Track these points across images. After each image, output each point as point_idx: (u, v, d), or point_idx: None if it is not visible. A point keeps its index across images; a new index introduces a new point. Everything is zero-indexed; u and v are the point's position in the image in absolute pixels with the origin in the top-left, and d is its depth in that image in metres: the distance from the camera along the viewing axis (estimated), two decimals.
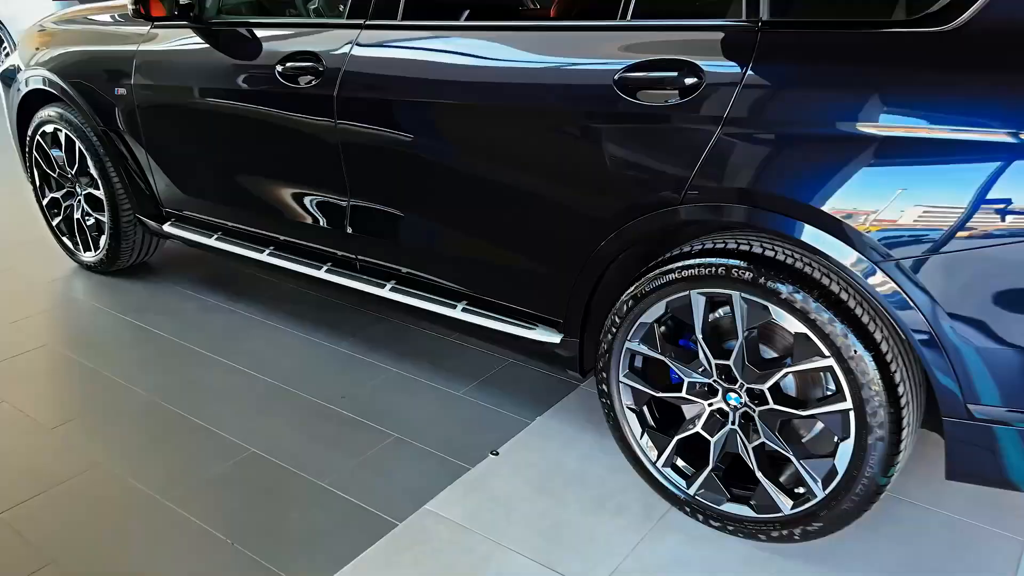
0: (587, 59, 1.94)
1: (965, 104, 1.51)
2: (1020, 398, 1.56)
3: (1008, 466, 1.64)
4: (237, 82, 2.64)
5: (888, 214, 1.56)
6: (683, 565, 1.92)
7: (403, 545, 1.99)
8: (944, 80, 1.54)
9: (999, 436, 1.60)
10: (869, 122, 1.57)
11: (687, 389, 1.95)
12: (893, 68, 1.58)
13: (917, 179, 1.55)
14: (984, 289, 1.53)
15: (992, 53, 1.50)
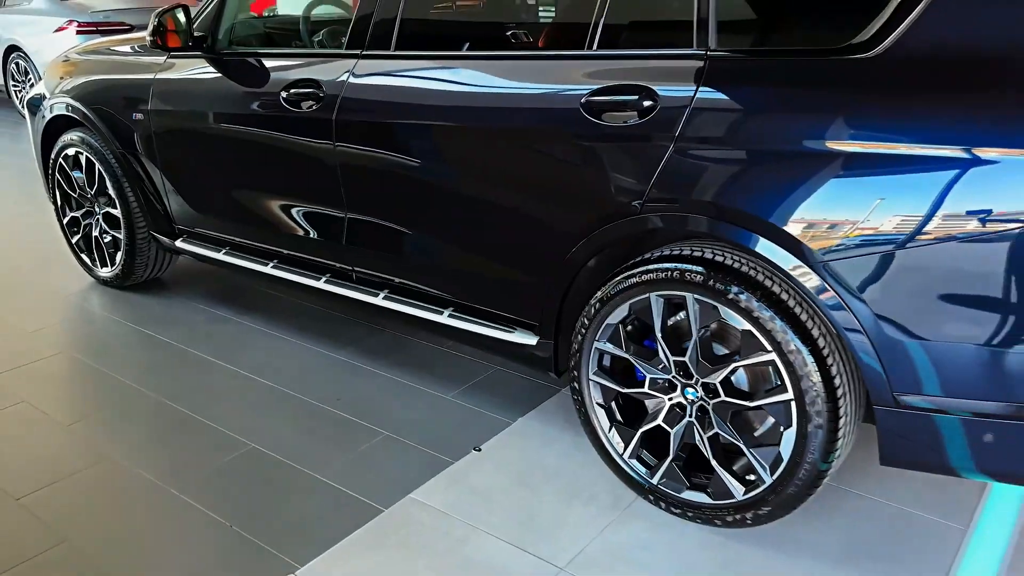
0: (558, 85, 2.14)
1: (886, 122, 1.69)
2: (940, 386, 1.72)
3: (934, 450, 1.80)
4: (245, 107, 2.87)
5: (818, 222, 1.74)
6: (645, 548, 2.07)
7: (387, 529, 2.15)
8: (869, 100, 1.73)
9: (923, 422, 1.77)
10: (801, 140, 1.77)
11: (649, 385, 2.12)
12: (823, 91, 1.78)
13: (843, 190, 1.73)
14: (905, 289, 1.70)
15: (910, 76, 1.69)
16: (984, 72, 1.62)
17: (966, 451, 1.76)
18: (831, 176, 1.74)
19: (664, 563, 2.02)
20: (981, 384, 1.68)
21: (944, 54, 1.65)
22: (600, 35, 2.09)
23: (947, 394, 1.72)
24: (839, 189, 1.73)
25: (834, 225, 1.73)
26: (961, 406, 1.71)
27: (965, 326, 1.66)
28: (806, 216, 1.76)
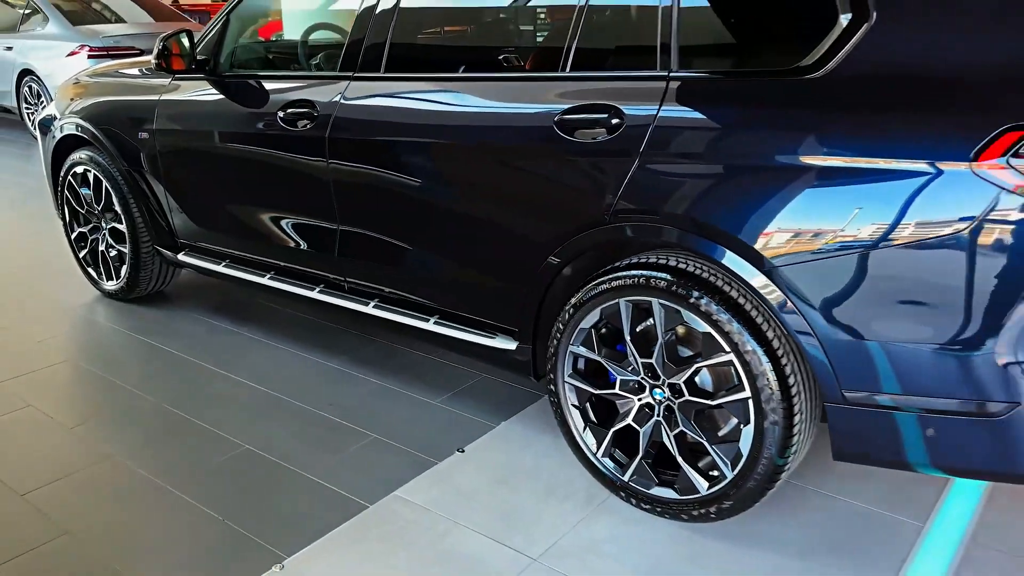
0: (534, 104, 2.29)
1: (831, 137, 1.82)
2: (884, 384, 1.84)
3: (881, 445, 1.91)
4: (245, 126, 3.02)
5: (769, 231, 1.87)
6: (615, 542, 2.18)
7: (372, 523, 2.27)
8: (814, 117, 1.86)
9: (870, 418, 1.88)
10: (752, 154, 1.90)
11: (620, 386, 2.24)
12: (773, 109, 1.91)
13: (792, 201, 1.85)
14: (850, 293, 1.82)
15: (852, 94, 1.82)
16: (917, 91, 1.75)
17: (911, 446, 1.87)
18: (781, 188, 1.87)
19: (632, 555, 2.13)
20: (923, 381, 1.80)
21: (882, 74, 1.79)
22: (573, 58, 2.24)
23: (891, 391, 1.83)
24: (788, 200, 1.86)
25: (784, 234, 1.86)
26: (905, 402, 1.83)
27: (906, 327, 1.78)
28: (758, 225, 1.89)
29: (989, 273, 1.68)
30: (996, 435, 1.77)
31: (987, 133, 1.64)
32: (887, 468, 1.99)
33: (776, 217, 1.87)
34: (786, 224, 1.86)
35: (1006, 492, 2.36)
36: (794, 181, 1.85)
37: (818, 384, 1.94)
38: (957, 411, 1.78)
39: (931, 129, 1.72)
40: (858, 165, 1.77)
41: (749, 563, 2.09)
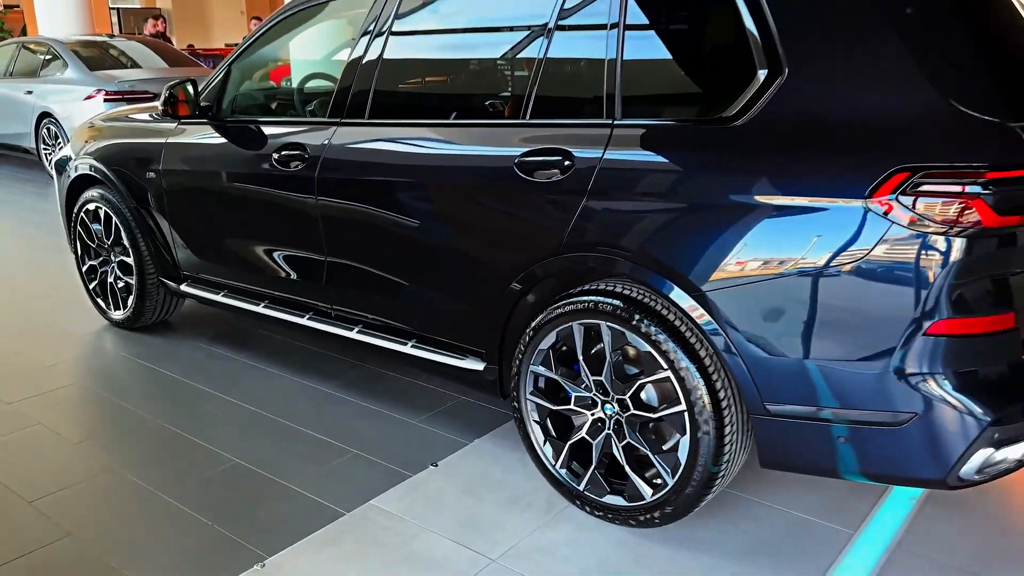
0: (497, 148, 2.54)
1: (747, 177, 2.06)
2: (799, 397, 2.05)
3: (801, 453, 2.12)
4: (243, 167, 3.29)
5: (697, 260, 2.11)
6: (569, 545, 2.38)
7: (347, 528, 2.47)
8: (735, 161, 2.10)
9: (790, 428, 2.09)
10: (683, 193, 2.15)
11: (575, 402, 2.46)
12: (700, 153, 2.16)
13: (716, 234, 2.09)
14: (767, 316, 2.05)
15: (766, 142, 2.06)
16: (822, 137, 2.00)
17: (825, 453, 2.07)
18: (707, 223, 2.11)
19: (583, 557, 2.33)
20: (832, 394, 2.01)
21: (793, 123, 2.03)
22: (532, 107, 2.49)
23: (805, 403, 2.05)
24: (713, 234, 2.10)
25: (710, 263, 2.09)
26: (817, 413, 2.04)
27: (816, 346, 2.00)
28: (687, 256, 2.12)
29: (883, 296, 1.91)
30: (898, 442, 1.97)
31: (879, 174, 1.88)
32: (808, 474, 2.20)
33: (703, 248, 2.11)
34: (712, 255, 2.09)
35: (935, 502, 2.55)
36: (718, 217, 2.09)
37: (743, 398, 2.15)
38: (863, 421, 1.99)
39: (833, 170, 1.96)
40: (772, 203, 2.01)
41: (686, 564, 2.29)
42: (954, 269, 1.85)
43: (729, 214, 2.07)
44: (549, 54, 2.48)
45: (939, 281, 1.86)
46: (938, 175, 1.83)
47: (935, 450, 1.94)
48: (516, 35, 2.67)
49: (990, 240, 1.85)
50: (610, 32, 2.34)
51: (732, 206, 2.07)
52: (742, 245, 2.05)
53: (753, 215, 2.04)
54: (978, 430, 1.89)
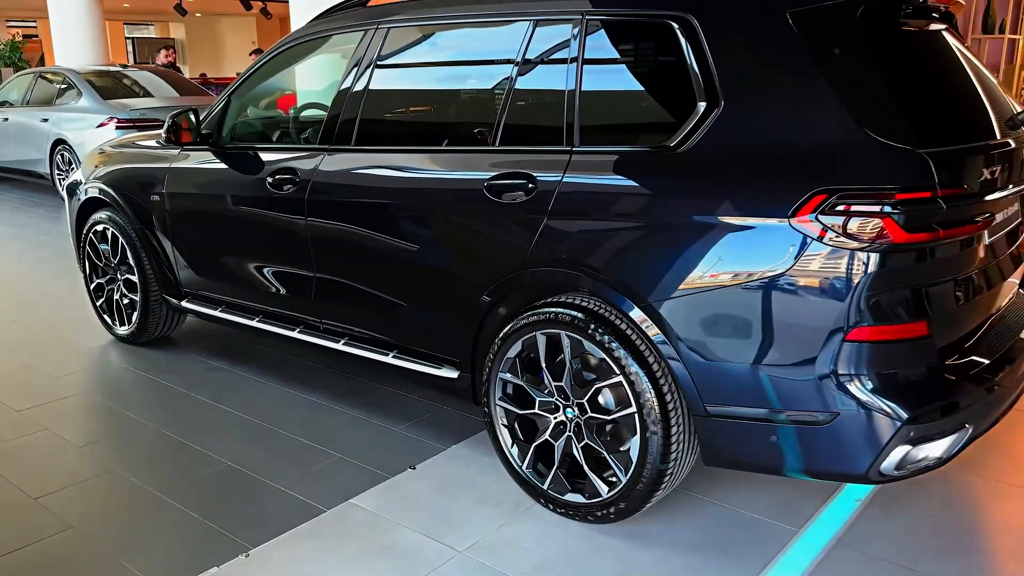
0: (470, 172, 2.76)
1: (688, 199, 2.28)
2: (735, 398, 2.24)
3: (738, 451, 2.30)
4: (240, 190, 3.52)
5: (644, 274, 2.32)
6: (532, 538, 2.56)
7: (327, 523, 2.67)
8: (676, 185, 2.32)
9: (727, 427, 2.28)
10: (631, 213, 2.36)
11: (540, 407, 2.65)
12: (646, 178, 2.37)
13: (660, 251, 2.30)
14: (706, 325, 2.25)
15: (704, 167, 2.28)
16: (753, 162, 2.21)
17: (760, 451, 2.26)
18: (652, 240, 2.32)
19: (544, 549, 2.51)
20: (763, 396, 2.21)
21: (728, 150, 2.25)
22: (501, 134, 2.72)
23: (740, 405, 2.24)
24: (658, 250, 2.31)
25: (655, 277, 2.30)
26: (751, 414, 2.23)
27: (748, 352, 2.20)
28: (635, 270, 2.34)
29: (806, 305, 2.11)
30: (823, 440, 2.16)
31: (800, 196, 2.08)
32: (747, 471, 2.38)
33: (648, 264, 2.32)
34: (656, 270, 2.30)
35: (880, 503, 2.73)
36: (662, 236, 2.30)
37: (687, 400, 2.34)
38: (791, 420, 2.18)
39: (762, 193, 2.17)
40: (710, 222, 2.22)
41: (638, 556, 2.47)
42: (868, 281, 2.05)
43: (672, 233, 2.29)
44: (516, 86, 2.71)
45: (855, 292, 2.05)
46: (852, 196, 2.04)
47: (856, 447, 2.13)
48: (488, 69, 2.90)
49: (900, 255, 2.06)
50: (570, 67, 2.57)
51: (674, 226, 2.28)
52: (683, 261, 2.26)
53: (693, 234, 2.25)
54: (894, 428, 2.08)
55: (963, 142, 2.22)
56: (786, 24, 2.22)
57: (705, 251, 2.22)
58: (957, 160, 2.14)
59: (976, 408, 2.25)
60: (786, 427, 2.20)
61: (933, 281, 2.15)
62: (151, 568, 2.45)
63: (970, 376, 2.27)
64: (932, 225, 2.05)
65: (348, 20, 3.30)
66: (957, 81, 2.50)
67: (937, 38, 2.54)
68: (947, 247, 2.14)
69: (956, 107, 2.41)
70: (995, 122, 2.46)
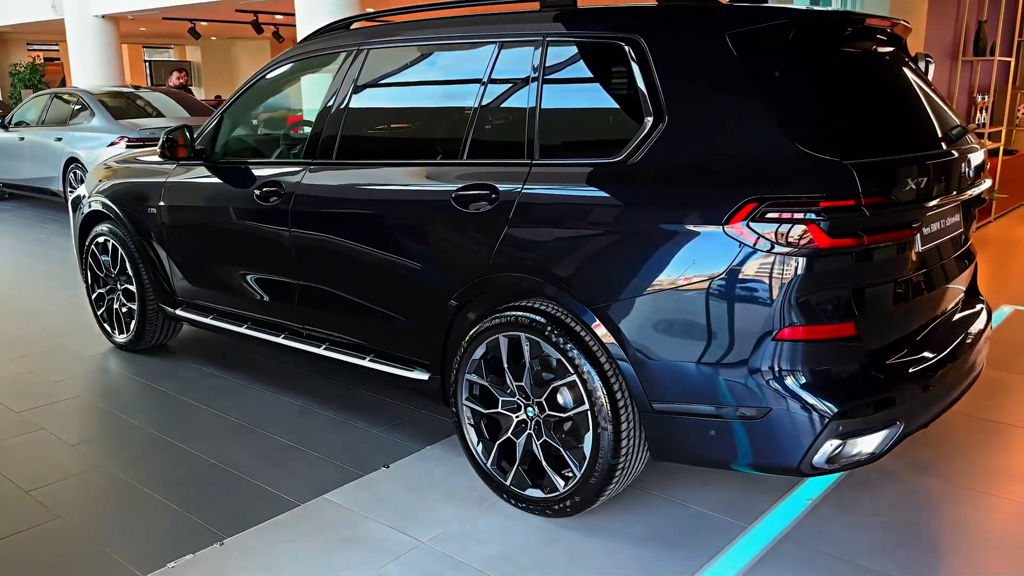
0: (439, 184, 2.92)
1: (634, 209, 2.43)
2: (678, 395, 2.37)
3: (682, 445, 2.43)
4: (230, 202, 3.70)
5: (594, 279, 2.46)
6: (492, 531, 2.69)
7: (300, 516, 2.81)
8: (623, 197, 2.47)
9: (671, 423, 2.41)
10: (583, 222, 2.51)
11: (503, 406, 2.79)
12: (596, 190, 2.52)
13: (610, 257, 2.45)
14: (650, 327, 2.39)
15: (649, 179, 2.43)
16: (692, 174, 2.36)
17: (701, 445, 2.39)
18: (601, 247, 2.47)
19: (503, 541, 2.64)
20: (703, 393, 2.34)
21: (671, 163, 2.40)
22: (468, 149, 2.88)
23: (682, 401, 2.37)
24: (607, 256, 2.46)
25: (604, 281, 2.45)
26: (692, 410, 2.36)
27: (689, 351, 2.33)
28: (586, 275, 2.49)
29: (740, 307, 2.24)
30: (759, 434, 2.29)
31: (733, 204, 2.23)
32: (692, 465, 2.51)
33: (598, 269, 2.47)
34: (606, 274, 2.45)
35: (831, 503, 2.84)
36: (611, 243, 2.45)
37: (634, 398, 2.47)
38: (728, 416, 2.31)
39: (700, 202, 2.32)
40: (653, 230, 2.37)
41: (592, 547, 2.59)
42: (796, 284, 2.18)
43: (619, 241, 2.44)
44: (483, 104, 2.88)
45: (784, 294, 2.19)
46: (780, 204, 2.18)
47: (789, 441, 2.25)
48: (458, 88, 3.07)
49: (826, 259, 2.19)
50: (531, 86, 2.73)
51: (622, 234, 2.43)
52: (630, 268, 2.40)
53: (638, 242, 2.40)
54: (823, 423, 2.21)
55: (891, 154, 2.36)
56: (725, 45, 2.37)
57: (649, 258, 2.37)
58: (882, 171, 2.28)
59: (908, 405, 2.38)
60: (724, 422, 2.33)
61: (861, 284, 2.28)
62: (130, 554, 2.59)
63: (902, 374, 2.40)
64: (856, 231, 2.19)
65: (331, 42, 3.49)
66: (894, 98, 2.64)
67: (878, 58, 2.69)
68: (874, 252, 2.28)
69: (888, 122, 2.56)
70: (931, 136, 2.60)
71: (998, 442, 3.32)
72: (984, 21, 8.04)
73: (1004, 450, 3.26)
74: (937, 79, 7.77)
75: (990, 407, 3.66)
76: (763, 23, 2.40)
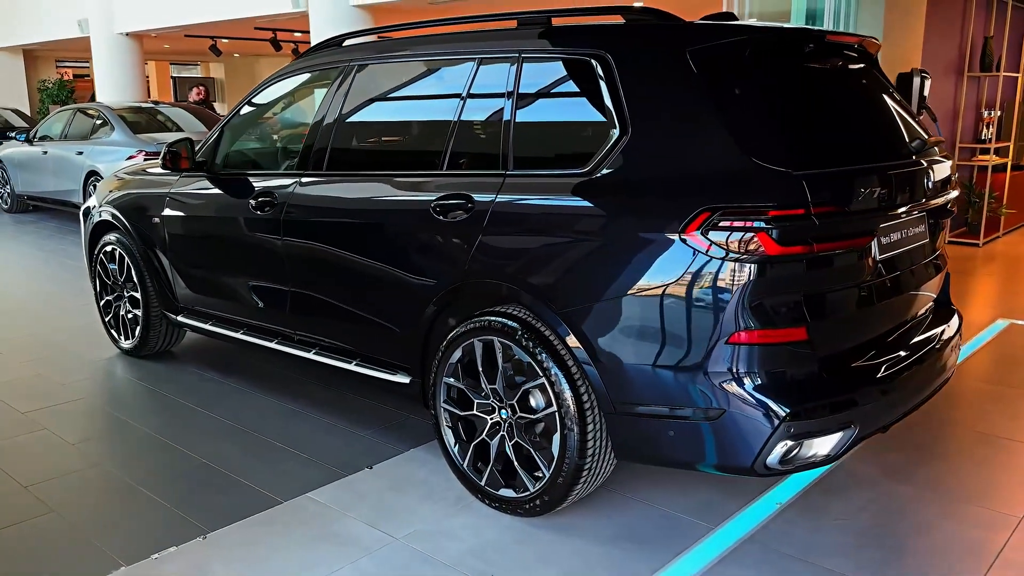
0: (421, 194, 3.03)
1: (599, 218, 2.52)
2: (638, 397, 2.46)
3: (643, 445, 2.51)
4: (228, 212, 3.84)
5: (560, 286, 2.56)
6: (466, 529, 2.78)
7: (281, 512, 2.91)
8: (589, 207, 2.56)
9: (632, 423, 2.49)
10: (551, 231, 2.61)
11: (477, 408, 2.88)
12: (564, 200, 2.62)
13: (576, 264, 2.55)
14: (612, 331, 2.47)
15: (613, 189, 2.52)
16: (653, 184, 2.46)
17: (661, 445, 2.47)
18: (568, 255, 2.57)
19: (475, 538, 2.73)
20: (663, 394, 2.42)
21: (630, 175, 2.50)
22: (448, 161, 3.00)
23: (643, 403, 2.46)
24: (573, 263, 2.55)
25: (570, 288, 2.55)
26: (653, 411, 2.45)
27: (649, 354, 2.42)
28: (554, 281, 2.58)
29: (696, 311, 2.33)
30: (714, 435, 2.36)
31: (689, 213, 2.32)
32: (654, 465, 2.59)
33: (564, 275, 2.56)
34: (571, 280, 2.55)
35: (799, 506, 2.90)
36: (577, 250, 2.55)
37: (598, 399, 2.56)
38: (685, 417, 2.39)
39: (659, 211, 2.41)
40: (616, 238, 2.46)
41: (560, 545, 2.67)
42: (748, 289, 2.27)
43: (584, 249, 2.53)
44: (462, 118, 2.99)
45: (737, 299, 2.28)
46: (732, 213, 2.27)
47: (742, 442, 2.33)
48: (440, 103, 3.19)
49: (776, 266, 2.27)
50: (507, 100, 2.84)
51: (587, 242, 2.53)
52: (594, 274, 2.50)
53: (602, 250, 2.50)
54: (774, 424, 2.28)
55: (845, 165, 2.44)
56: (685, 61, 2.47)
57: (612, 265, 2.46)
58: (833, 181, 2.36)
59: (864, 408, 2.44)
60: (682, 423, 2.41)
61: (813, 290, 2.36)
62: (116, 546, 2.71)
63: (859, 378, 2.47)
64: (806, 239, 2.27)
65: (324, 58, 3.63)
66: (854, 111, 2.72)
67: (841, 73, 2.78)
68: (826, 260, 2.36)
69: (846, 134, 2.64)
70: (891, 148, 2.67)
71: (981, 452, 3.36)
72: (990, 37, 8.07)
73: (986, 460, 3.30)
74: (942, 95, 7.81)
75: (979, 417, 3.71)
76: (721, 40, 2.50)
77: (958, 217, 8.42)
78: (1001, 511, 2.87)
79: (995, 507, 2.90)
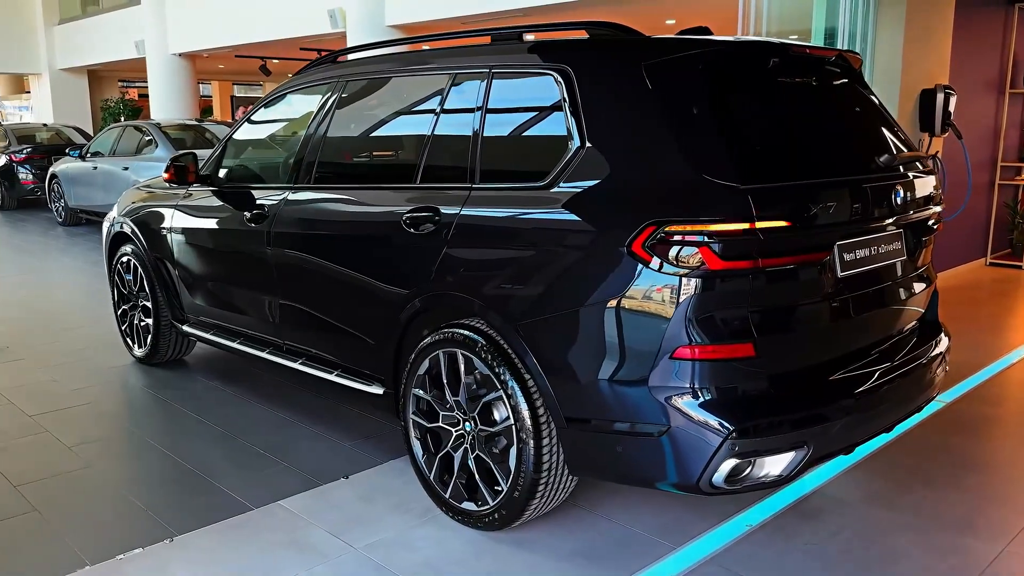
0: (395, 207, 3.07)
1: (556, 231, 2.52)
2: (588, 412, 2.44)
3: (595, 460, 2.48)
4: (226, 224, 3.95)
5: (517, 299, 2.56)
6: (426, 540, 2.79)
7: (250, 519, 2.96)
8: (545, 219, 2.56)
9: (584, 438, 2.47)
10: (511, 243, 2.62)
11: (443, 420, 2.90)
12: (523, 213, 2.63)
13: (531, 278, 2.54)
14: (565, 345, 2.46)
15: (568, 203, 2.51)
16: (605, 198, 2.45)
17: (609, 461, 2.44)
18: (526, 267, 2.57)
19: (433, 550, 2.73)
20: (610, 409, 2.39)
21: (584, 189, 2.49)
22: (421, 175, 3.03)
23: (591, 417, 2.43)
24: (530, 277, 2.55)
25: (526, 301, 2.54)
26: (600, 427, 2.42)
27: (598, 369, 2.40)
28: (510, 294, 2.59)
29: (639, 325, 2.31)
30: (659, 451, 2.33)
31: (636, 227, 2.30)
32: (603, 480, 2.56)
33: (520, 288, 2.56)
34: (526, 293, 2.55)
35: (769, 529, 2.83)
36: (531, 263, 2.55)
37: (551, 412, 2.54)
38: (631, 432, 2.36)
39: (608, 225, 2.40)
40: (567, 252, 2.46)
41: (516, 560, 2.65)
42: (692, 304, 2.23)
43: (538, 261, 2.54)
44: (436, 132, 3.03)
45: (681, 314, 2.24)
46: (676, 228, 2.24)
47: (687, 458, 2.28)
48: (417, 118, 3.23)
49: (720, 281, 2.24)
50: (476, 114, 2.87)
51: (541, 255, 2.53)
52: (548, 287, 2.50)
53: (555, 263, 2.50)
54: (718, 442, 2.23)
55: (800, 180, 2.39)
56: (640, 75, 2.46)
57: (564, 279, 2.46)
58: (783, 196, 2.31)
59: (819, 428, 2.37)
60: (628, 438, 2.38)
61: (762, 306, 2.31)
62: (87, 545, 2.79)
63: (814, 396, 2.40)
64: (751, 254, 2.23)
65: (317, 75, 3.72)
66: (820, 125, 2.67)
67: (811, 87, 2.73)
68: (776, 275, 2.31)
69: (807, 149, 2.58)
70: (857, 163, 2.62)
71: (972, 480, 3.23)
72: None
73: (974, 488, 3.17)
74: (982, 112, 7.57)
75: (977, 444, 3.57)
76: (674, 54, 2.48)
77: (1002, 238, 8.14)
78: (980, 542, 2.76)
79: (975, 538, 2.78)
